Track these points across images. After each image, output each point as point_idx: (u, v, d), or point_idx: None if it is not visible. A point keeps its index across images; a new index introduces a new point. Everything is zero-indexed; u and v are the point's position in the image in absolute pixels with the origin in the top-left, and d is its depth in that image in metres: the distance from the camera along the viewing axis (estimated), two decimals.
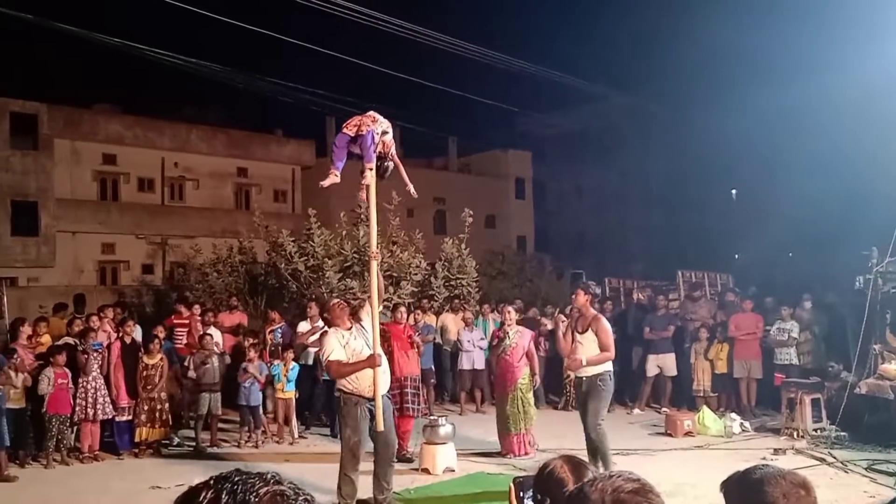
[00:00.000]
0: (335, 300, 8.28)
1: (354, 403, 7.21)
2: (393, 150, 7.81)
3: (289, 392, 11.11)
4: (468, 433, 10.48)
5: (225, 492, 1.13)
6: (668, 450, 10.17)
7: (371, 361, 7.15)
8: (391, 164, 7.75)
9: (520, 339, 10.17)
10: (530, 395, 10.10)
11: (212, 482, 1.16)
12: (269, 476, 1.17)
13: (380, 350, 7.34)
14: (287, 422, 11.13)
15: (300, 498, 1.17)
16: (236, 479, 1.16)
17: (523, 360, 10.06)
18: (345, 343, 7.32)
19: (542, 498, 2.30)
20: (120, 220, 31.87)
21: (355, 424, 7.19)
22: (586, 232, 41.80)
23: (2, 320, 15.38)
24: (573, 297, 8.59)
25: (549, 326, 13.69)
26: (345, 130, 7.60)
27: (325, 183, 7.54)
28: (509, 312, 10.52)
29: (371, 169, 7.45)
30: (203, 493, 1.15)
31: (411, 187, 8.12)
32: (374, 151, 7.46)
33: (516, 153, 43.91)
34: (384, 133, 7.67)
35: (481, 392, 13.61)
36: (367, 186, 7.51)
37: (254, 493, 1.13)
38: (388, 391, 7.64)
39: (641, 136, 40.07)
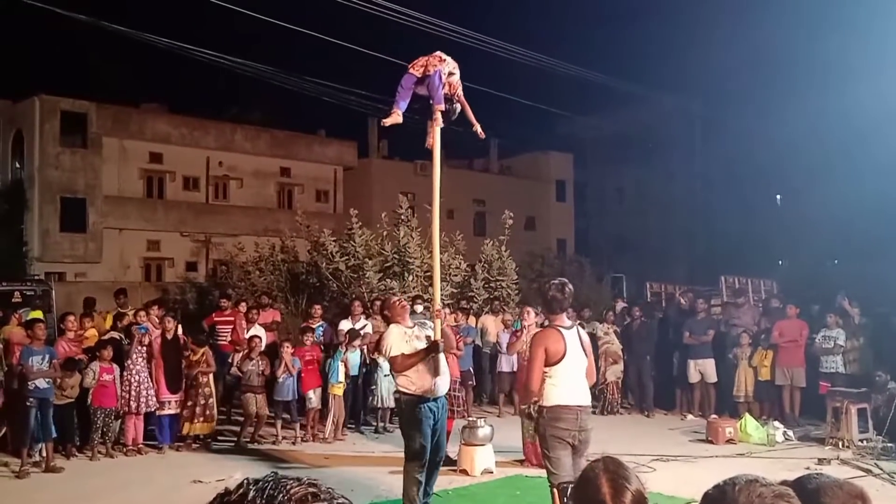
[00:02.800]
0: (395, 298, 8.03)
1: (416, 404, 7.01)
2: (460, 91, 7.53)
3: (339, 388, 11.18)
4: (507, 435, 10.44)
5: (255, 490, 1.13)
6: (708, 457, 10.03)
7: (434, 347, 6.92)
8: (458, 107, 7.52)
9: None
10: None
11: (244, 482, 1.17)
12: (304, 479, 1.17)
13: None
14: (338, 421, 11.20)
15: (336, 501, 1.16)
16: (269, 480, 1.16)
17: None
18: (407, 339, 7.12)
19: None
20: (165, 218, 32.38)
21: (418, 425, 6.99)
22: (627, 235, 41.42)
23: (50, 314, 15.74)
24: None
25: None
26: (411, 71, 7.38)
27: (388, 122, 7.41)
28: (528, 313, 9.97)
29: (441, 111, 7.25)
30: (235, 492, 1.15)
31: (478, 127, 7.83)
32: (442, 90, 7.24)
33: (557, 155, 43.71)
34: (451, 74, 7.45)
35: (518, 389, 13.55)
36: (435, 130, 7.30)
37: (285, 493, 1.12)
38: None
39: (685, 139, 39.63)
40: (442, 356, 7.19)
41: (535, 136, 42.62)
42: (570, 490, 2.30)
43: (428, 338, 7.06)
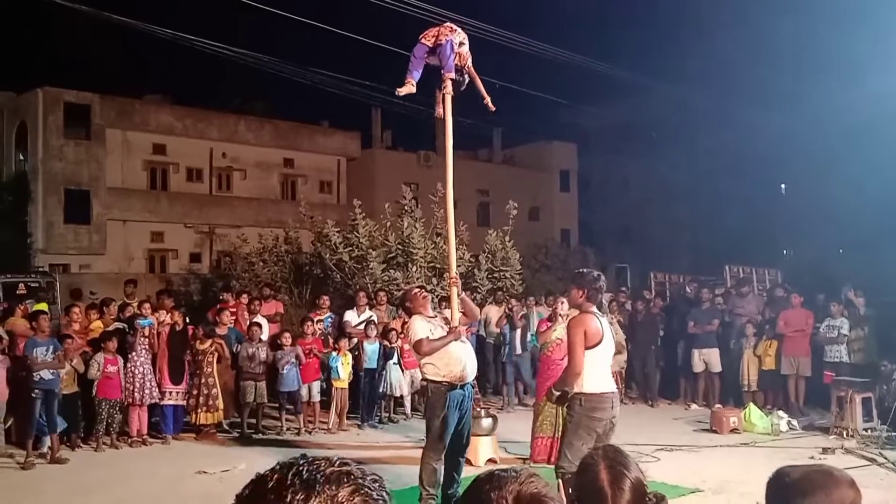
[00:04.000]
0: (416, 289, 8.05)
1: (444, 391, 6.98)
2: (469, 63, 7.63)
3: (343, 382, 11.21)
4: (511, 425, 10.44)
5: (291, 473, 1.15)
6: (713, 446, 10.03)
7: (455, 333, 6.98)
8: (467, 78, 7.62)
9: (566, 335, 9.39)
10: None
11: (277, 467, 1.18)
12: (335, 458, 1.19)
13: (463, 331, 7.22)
14: (341, 412, 11.23)
15: (368, 478, 1.17)
16: (301, 461, 1.18)
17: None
18: (431, 328, 7.11)
19: (579, 495, 2.22)
20: (169, 210, 32.41)
21: (444, 413, 6.96)
22: (631, 226, 41.38)
23: (55, 306, 15.78)
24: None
25: None
26: (423, 41, 7.48)
27: (402, 91, 7.45)
28: (562, 303, 9.31)
29: (451, 79, 7.35)
30: (270, 477, 1.17)
31: (489, 100, 7.94)
32: (453, 60, 7.34)
33: (561, 145, 43.60)
34: (461, 44, 7.53)
35: (524, 384, 13.56)
36: (445, 97, 7.41)
37: (320, 473, 1.14)
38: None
39: (690, 129, 39.50)
40: (468, 345, 7.23)
41: (539, 125, 42.58)
42: (571, 478, 2.30)
43: (447, 322, 7.13)
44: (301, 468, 1.15)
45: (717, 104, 34.47)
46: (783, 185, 39.18)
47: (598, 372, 5.89)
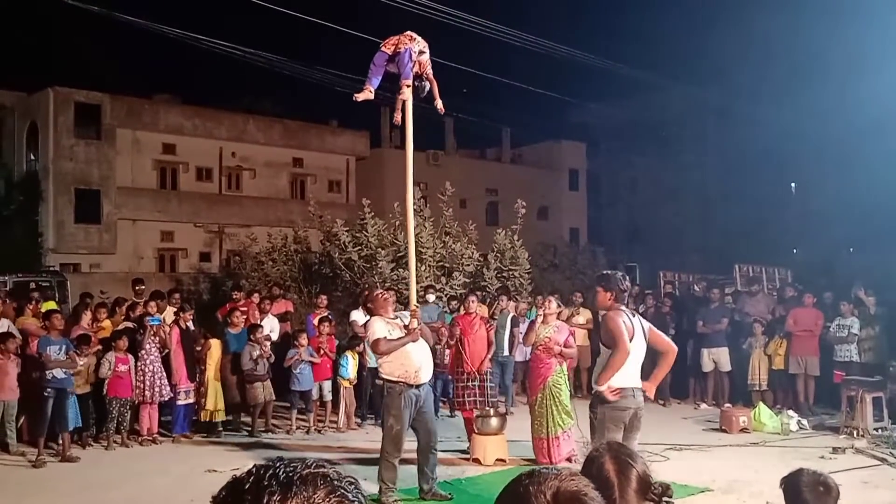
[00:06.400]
0: (378, 291, 8.45)
1: (399, 392, 7.28)
2: (429, 70, 7.95)
3: (348, 382, 11.24)
4: (520, 425, 10.45)
5: (268, 475, 1.15)
6: (722, 446, 10.01)
7: (412, 336, 7.32)
8: (427, 84, 7.93)
9: (556, 334, 9.11)
10: (563, 398, 9.03)
11: (254, 469, 1.19)
12: (311, 461, 1.19)
13: (424, 334, 7.55)
14: (348, 411, 11.26)
15: (344, 480, 1.18)
16: (278, 464, 1.18)
17: (556, 358, 9.03)
18: (389, 329, 7.47)
19: None
20: (178, 209, 32.50)
21: (398, 412, 7.26)
22: (641, 225, 41.27)
23: (65, 305, 15.85)
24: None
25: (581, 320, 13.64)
26: (383, 49, 7.79)
27: (359, 97, 7.80)
28: (549, 303, 9.54)
29: (408, 86, 7.63)
30: (246, 479, 1.17)
31: (439, 102, 8.29)
32: (412, 69, 7.63)
33: (570, 144, 43.55)
34: (421, 52, 7.82)
35: (528, 383, 13.52)
36: (404, 103, 7.73)
37: (296, 475, 1.15)
38: (435, 380, 7.74)
39: (699, 128, 39.40)
40: (426, 347, 7.51)
41: (548, 124, 42.54)
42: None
43: (406, 327, 7.44)
44: (277, 470, 1.16)
45: (727, 102, 34.37)
46: (793, 184, 39.04)
47: (623, 368, 5.89)
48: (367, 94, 7.75)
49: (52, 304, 12.22)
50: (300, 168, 36.37)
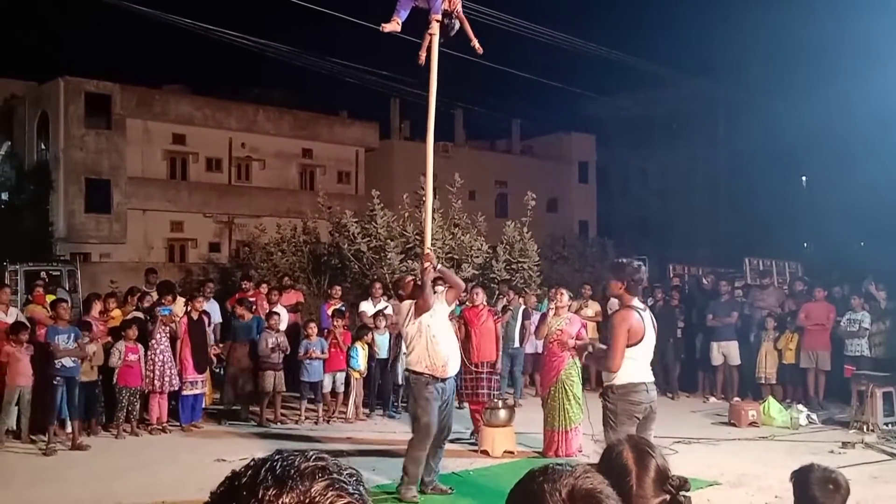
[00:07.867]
0: (409, 277, 8.19)
1: (425, 383, 7.14)
2: (459, 7, 7.63)
3: (360, 372, 11.27)
4: (529, 416, 10.45)
5: (265, 469, 1.14)
6: (731, 439, 9.99)
7: (427, 273, 7.31)
8: (457, 23, 7.63)
9: (568, 326, 9.11)
10: (576, 391, 9.02)
11: (251, 463, 1.18)
12: (310, 453, 1.18)
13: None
14: (357, 402, 11.29)
15: (344, 473, 1.17)
16: (276, 457, 1.17)
17: (570, 351, 8.93)
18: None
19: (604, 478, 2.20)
20: (188, 199, 32.59)
21: (426, 403, 7.12)
22: (650, 217, 41.17)
23: (76, 294, 15.92)
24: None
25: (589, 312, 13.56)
26: None
27: (386, 27, 7.52)
28: (562, 295, 9.44)
29: (437, 20, 7.38)
30: (244, 473, 1.16)
31: (476, 42, 7.98)
32: (441, 4, 7.40)
33: (580, 136, 43.44)
34: None
35: (540, 376, 13.51)
36: (431, 38, 7.46)
37: (294, 468, 1.13)
38: (458, 374, 7.63)
39: (710, 122, 39.24)
40: (454, 340, 7.35)
41: (558, 116, 42.44)
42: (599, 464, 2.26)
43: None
44: (275, 463, 1.14)
45: (738, 96, 34.23)
46: (804, 178, 38.84)
47: (635, 365, 5.80)
48: (394, 25, 7.44)
49: (51, 297, 12.20)
50: (310, 159, 36.40)
